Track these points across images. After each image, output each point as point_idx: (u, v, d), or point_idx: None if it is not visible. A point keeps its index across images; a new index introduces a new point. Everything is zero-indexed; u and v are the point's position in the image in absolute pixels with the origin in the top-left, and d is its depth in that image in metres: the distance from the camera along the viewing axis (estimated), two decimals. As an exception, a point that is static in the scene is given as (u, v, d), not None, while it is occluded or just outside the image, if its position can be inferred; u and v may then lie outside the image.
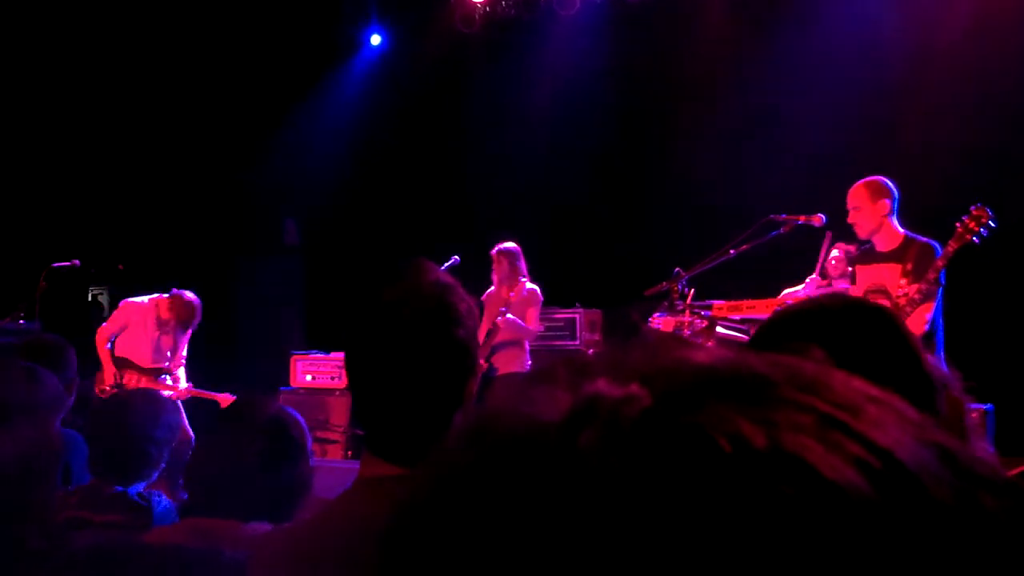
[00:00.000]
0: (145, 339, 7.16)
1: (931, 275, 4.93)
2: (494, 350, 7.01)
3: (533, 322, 7.12)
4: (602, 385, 0.41)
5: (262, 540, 1.63)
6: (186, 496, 2.14)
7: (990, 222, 4.92)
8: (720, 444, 0.37)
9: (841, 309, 1.37)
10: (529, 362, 7.11)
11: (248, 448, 2.02)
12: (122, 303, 7.35)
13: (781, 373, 0.41)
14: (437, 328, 1.53)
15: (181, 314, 7.12)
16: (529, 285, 7.11)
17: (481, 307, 7.02)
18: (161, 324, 7.14)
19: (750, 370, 0.41)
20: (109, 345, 7.18)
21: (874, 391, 0.41)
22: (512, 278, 7.10)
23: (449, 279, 1.61)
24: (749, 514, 0.36)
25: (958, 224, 4.95)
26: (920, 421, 0.41)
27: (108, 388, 7.02)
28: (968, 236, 4.92)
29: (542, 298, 7.18)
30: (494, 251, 7.18)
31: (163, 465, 2.84)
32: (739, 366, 0.41)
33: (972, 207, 4.96)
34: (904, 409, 0.41)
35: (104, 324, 7.37)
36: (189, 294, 7.15)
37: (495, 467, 0.40)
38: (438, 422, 1.53)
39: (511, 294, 7.01)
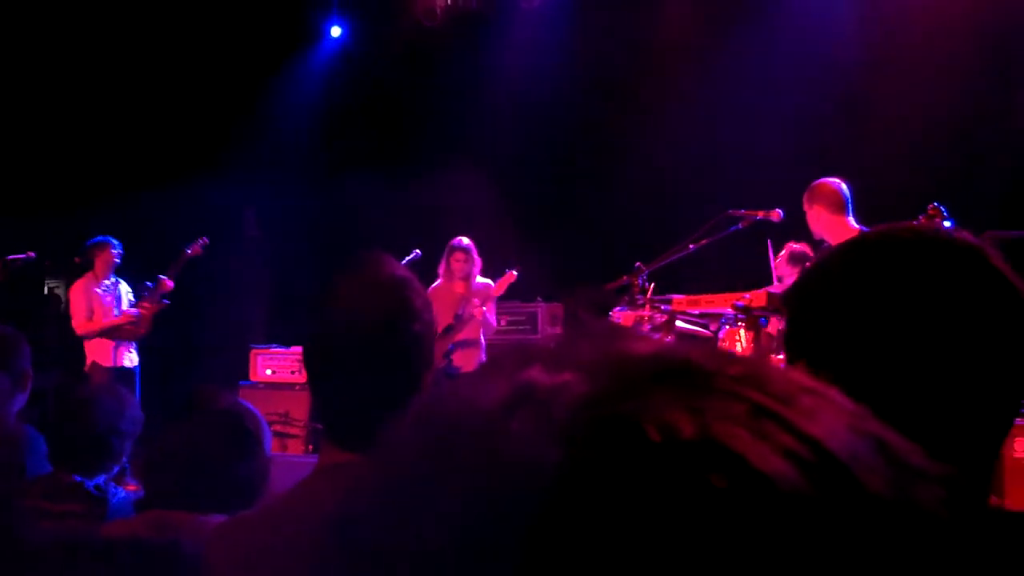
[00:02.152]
0: (108, 301, 7.72)
1: None
2: (454, 347, 6.97)
3: (494, 317, 7.25)
4: (535, 373, 0.41)
5: (220, 528, 1.64)
6: (142, 489, 2.14)
7: (944, 222, 4.96)
8: (648, 432, 0.37)
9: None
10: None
11: (204, 441, 2.02)
12: (72, 289, 7.80)
13: (718, 363, 0.40)
14: (393, 322, 1.54)
15: (103, 254, 7.69)
16: (483, 280, 7.15)
17: None
18: (104, 286, 7.71)
19: (687, 360, 0.41)
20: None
21: (811, 383, 0.41)
22: (468, 273, 7.10)
23: (406, 273, 1.62)
24: (676, 504, 0.35)
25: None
26: (857, 411, 0.41)
27: (145, 310, 7.67)
28: None
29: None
30: (451, 244, 7.18)
31: (124, 459, 2.85)
32: (677, 357, 0.41)
33: (928, 206, 5.01)
34: (841, 400, 0.41)
35: (75, 319, 7.70)
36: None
37: (433, 450, 0.41)
38: (395, 413, 1.55)
39: (460, 287, 7.02)
